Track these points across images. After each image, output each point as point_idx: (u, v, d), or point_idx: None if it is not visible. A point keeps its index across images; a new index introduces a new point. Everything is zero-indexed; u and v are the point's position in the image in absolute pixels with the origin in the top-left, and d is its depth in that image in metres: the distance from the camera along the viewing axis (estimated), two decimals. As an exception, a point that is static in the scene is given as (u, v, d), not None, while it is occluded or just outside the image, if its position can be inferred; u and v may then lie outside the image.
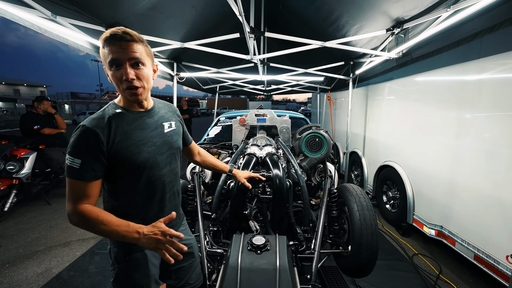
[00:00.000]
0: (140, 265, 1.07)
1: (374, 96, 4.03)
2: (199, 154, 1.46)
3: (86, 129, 0.89)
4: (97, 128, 0.90)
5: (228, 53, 3.08)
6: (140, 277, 1.08)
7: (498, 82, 2.04)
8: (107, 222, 0.87)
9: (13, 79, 42.06)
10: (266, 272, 1.02)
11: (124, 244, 1.04)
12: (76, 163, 0.88)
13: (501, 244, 1.96)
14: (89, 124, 0.90)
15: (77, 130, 0.91)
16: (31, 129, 3.80)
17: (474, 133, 2.24)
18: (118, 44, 0.89)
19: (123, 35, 0.89)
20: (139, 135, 1.00)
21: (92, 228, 0.88)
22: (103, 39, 0.89)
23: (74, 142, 0.89)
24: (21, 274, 2.36)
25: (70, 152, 0.89)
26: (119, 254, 1.05)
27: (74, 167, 0.88)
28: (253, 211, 1.67)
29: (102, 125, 0.92)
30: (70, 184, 0.90)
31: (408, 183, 3.05)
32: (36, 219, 3.49)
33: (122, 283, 1.09)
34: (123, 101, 1.02)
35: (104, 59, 0.92)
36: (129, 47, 0.90)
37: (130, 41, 0.90)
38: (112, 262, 1.08)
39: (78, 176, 0.88)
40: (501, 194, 1.98)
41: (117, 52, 0.89)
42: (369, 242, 1.55)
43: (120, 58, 0.89)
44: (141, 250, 1.06)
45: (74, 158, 0.88)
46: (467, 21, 2.00)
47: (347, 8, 2.47)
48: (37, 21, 1.90)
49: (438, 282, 2.29)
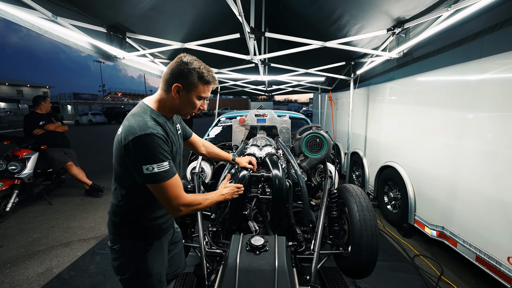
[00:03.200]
0: (159, 253, 1.18)
1: (375, 97, 4.02)
2: (204, 146, 1.57)
3: (156, 135, 0.98)
4: (164, 133, 1.03)
5: (229, 54, 3.09)
6: (158, 265, 1.18)
7: (500, 82, 2.02)
8: (201, 198, 1.13)
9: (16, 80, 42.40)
10: (264, 272, 1.02)
11: (146, 235, 1.13)
12: (165, 165, 0.98)
13: (503, 245, 1.95)
14: (156, 131, 0.98)
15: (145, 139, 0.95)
16: (35, 127, 3.83)
17: (476, 134, 2.22)
18: (210, 88, 1.12)
19: (216, 82, 1.14)
20: (174, 139, 1.13)
21: (199, 209, 1.13)
22: (204, 79, 1.07)
23: (150, 150, 0.95)
24: (22, 274, 2.37)
25: (153, 160, 0.95)
26: (139, 246, 1.12)
27: (166, 169, 0.98)
28: (252, 211, 1.66)
29: (162, 130, 1.03)
30: (169, 185, 0.99)
31: (410, 183, 3.03)
32: (38, 219, 3.51)
33: (140, 275, 1.13)
34: (165, 110, 1.11)
35: (197, 91, 1.08)
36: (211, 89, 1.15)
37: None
38: (126, 258, 1.11)
39: (172, 174, 1.00)
40: (503, 195, 1.96)
41: (208, 92, 1.11)
42: (369, 243, 1.54)
43: (207, 96, 1.13)
44: (159, 239, 1.18)
45: (161, 163, 0.97)
46: (468, 20, 1.99)
47: (348, 7, 2.46)
48: (37, 22, 1.91)
49: (439, 284, 2.27)
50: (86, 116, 25.22)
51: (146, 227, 1.13)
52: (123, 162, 1.01)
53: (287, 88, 6.85)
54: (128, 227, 1.11)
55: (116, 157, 1.05)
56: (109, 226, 1.14)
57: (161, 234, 1.19)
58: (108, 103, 40.66)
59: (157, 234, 1.17)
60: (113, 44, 2.64)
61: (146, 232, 1.14)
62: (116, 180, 1.11)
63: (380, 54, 2.99)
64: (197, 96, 1.09)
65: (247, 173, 1.65)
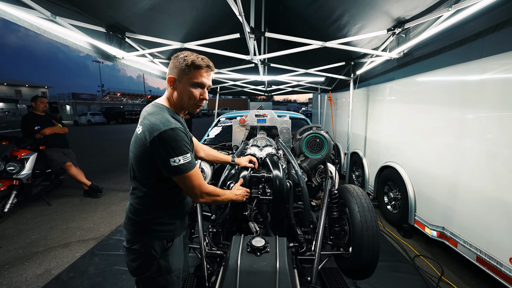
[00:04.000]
0: (178, 250, 1.22)
1: (375, 97, 4.02)
2: (203, 149, 1.59)
3: (179, 129, 1.04)
4: (183, 128, 1.09)
5: (229, 54, 3.08)
6: (178, 261, 1.22)
7: (501, 82, 2.02)
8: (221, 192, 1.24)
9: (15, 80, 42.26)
10: (265, 274, 1.01)
11: (167, 233, 1.16)
12: (188, 157, 1.04)
13: (504, 246, 1.94)
14: (176, 126, 1.04)
15: (171, 133, 1.01)
16: (32, 129, 3.80)
17: (476, 134, 2.22)
18: (206, 72, 1.13)
19: (212, 67, 1.14)
20: (189, 135, 1.16)
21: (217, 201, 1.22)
22: (194, 63, 1.08)
23: (176, 143, 1.01)
24: (21, 275, 2.36)
25: (179, 152, 1.01)
26: (161, 244, 1.14)
27: (189, 160, 1.05)
28: (253, 212, 1.65)
29: (182, 126, 1.09)
30: (193, 174, 1.07)
31: (410, 184, 3.02)
32: (36, 220, 3.49)
33: (161, 272, 1.14)
34: (174, 107, 1.16)
35: (188, 76, 1.09)
36: (210, 76, 1.16)
37: (212, 71, 1.16)
38: (147, 257, 1.12)
39: (194, 164, 1.08)
40: (504, 195, 1.96)
41: (205, 78, 1.13)
42: (370, 244, 1.53)
43: (205, 84, 1.14)
44: (179, 235, 1.22)
45: (185, 155, 1.03)
46: (468, 20, 1.99)
47: (348, 7, 2.46)
48: (36, 22, 1.89)
49: (440, 284, 2.27)
50: (85, 116, 25.15)
51: (168, 224, 1.16)
52: (146, 159, 1.05)
53: (286, 88, 6.85)
54: (150, 225, 1.13)
55: (136, 155, 1.08)
56: (127, 226, 1.15)
57: (181, 231, 1.24)
58: (107, 103, 40.57)
59: (178, 231, 1.21)
60: (112, 44, 2.63)
61: (169, 229, 1.17)
62: (136, 179, 1.13)
63: (380, 54, 2.98)
64: (191, 83, 1.10)
65: (247, 174, 1.64)
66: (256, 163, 1.74)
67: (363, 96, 4.44)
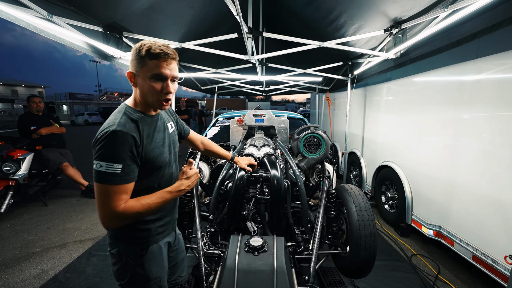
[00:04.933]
0: (156, 257, 1.13)
1: (373, 97, 4.04)
2: (203, 143, 1.55)
3: (123, 133, 0.91)
4: (133, 132, 0.94)
5: (227, 53, 3.08)
6: (157, 270, 1.13)
7: (496, 82, 2.04)
8: (151, 201, 0.97)
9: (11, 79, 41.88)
10: (263, 273, 1.01)
11: (140, 239, 1.09)
12: (116, 168, 0.89)
13: (500, 244, 1.96)
14: (123, 128, 0.92)
15: (108, 135, 0.89)
16: (29, 129, 3.78)
17: (472, 134, 2.24)
18: (165, 61, 0.96)
19: (172, 55, 0.97)
20: (158, 137, 1.08)
21: (141, 215, 0.96)
22: (149, 52, 0.94)
23: (111, 147, 0.89)
24: (17, 276, 2.34)
25: (107, 158, 0.88)
26: (135, 250, 1.08)
27: (115, 173, 0.89)
28: (251, 212, 1.66)
29: (133, 128, 0.96)
30: (109, 190, 0.89)
31: (407, 183, 3.04)
32: (33, 220, 3.47)
33: (138, 280, 1.10)
34: (140, 105, 1.05)
35: (145, 69, 0.95)
36: (172, 65, 0.99)
37: (174, 60, 0.99)
38: (123, 264, 1.08)
39: (119, 181, 0.90)
40: (500, 194, 1.98)
41: (165, 68, 0.96)
42: (367, 243, 1.54)
43: (166, 74, 0.97)
44: (156, 242, 1.13)
45: (114, 164, 0.88)
46: (464, 21, 2.00)
47: (346, 8, 2.47)
48: (33, 21, 1.88)
49: (436, 283, 2.29)
50: (82, 116, 25.00)
51: (142, 230, 1.09)
52: None
53: (284, 88, 6.86)
54: (124, 230, 1.07)
55: None
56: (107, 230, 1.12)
57: (158, 238, 1.14)
58: (105, 103, 40.36)
59: (153, 238, 1.12)
60: (109, 44, 2.61)
61: (142, 235, 1.09)
62: None
63: (377, 54, 3.00)
64: (149, 76, 0.95)
65: (245, 174, 1.65)
66: (256, 166, 1.72)
67: (360, 96, 4.46)
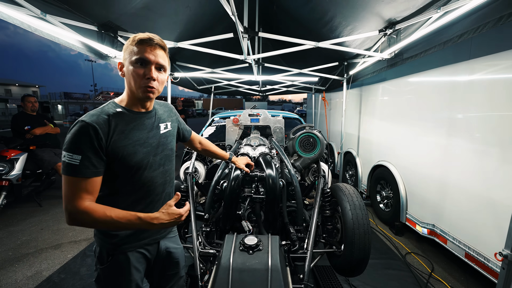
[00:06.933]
0: (121, 268, 1.05)
1: (368, 97, 4.07)
2: (201, 143, 1.54)
3: (86, 124, 0.88)
4: (97, 124, 0.90)
5: (223, 53, 3.08)
6: (121, 281, 1.05)
7: (488, 83, 2.08)
8: (116, 217, 0.88)
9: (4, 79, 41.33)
10: (257, 272, 1.01)
11: (108, 245, 1.03)
12: (75, 159, 0.86)
13: (490, 242, 2.00)
14: (88, 119, 0.89)
15: (75, 125, 0.89)
16: (23, 129, 3.73)
17: (465, 133, 2.28)
18: (150, 47, 0.95)
19: (157, 41, 0.97)
20: (136, 135, 1.01)
21: (98, 225, 0.90)
22: (135, 39, 0.95)
23: (72, 138, 0.87)
24: (11, 277, 2.31)
25: (69, 149, 0.86)
26: (101, 255, 1.04)
27: (74, 164, 0.86)
28: (246, 211, 1.66)
29: (101, 121, 0.92)
30: (69, 181, 0.87)
31: (401, 182, 3.08)
32: (27, 221, 3.43)
33: (102, 284, 1.07)
34: (126, 100, 1.02)
35: (130, 54, 0.95)
36: (157, 51, 0.97)
37: (161, 48, 0.99)
38: (95, 262, 1.07)
39: (78, 173, 0.86)
40: (490, 192, 2.02)
41: (149, 53, 0.95)
42: (362, 241, 1.56)
43: (150, 59, 0.95)
44: (123, 253, 1.04)
45: (73, 154, 0.86)
46: (456, 22, 2.03)
47: (340, 9, 2.49)
48: (26, 20, 1.85)
49: (430, 280, 2.32)
50: (78, 116, 24.78)
51: (109, 235, 1.02)
52: None
53: (281, 88, 6.87)
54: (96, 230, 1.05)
55: None
56: None
57: (126, 248, 1.04)
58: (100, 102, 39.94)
59: (125, 246, 1.03)
60: (104, 43, 2.60)
61: (110, 241, 1.02)
62: None
63: (372, 54, 3.02)
64: (133, 61, 0.94)
65: (240, 173, 1.65)
66: (253, 166, 1.73)
67: (356, 96, 4.49)
